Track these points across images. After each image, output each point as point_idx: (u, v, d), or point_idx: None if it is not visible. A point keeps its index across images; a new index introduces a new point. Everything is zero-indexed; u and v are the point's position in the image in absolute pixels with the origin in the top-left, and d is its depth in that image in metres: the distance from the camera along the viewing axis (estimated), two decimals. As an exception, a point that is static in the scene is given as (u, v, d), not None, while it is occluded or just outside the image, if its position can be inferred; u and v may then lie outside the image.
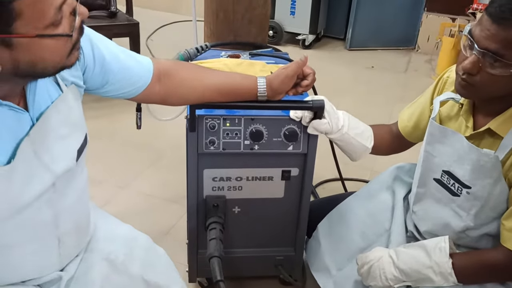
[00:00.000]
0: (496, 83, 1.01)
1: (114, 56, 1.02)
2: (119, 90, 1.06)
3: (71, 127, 0.95)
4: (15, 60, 0.74)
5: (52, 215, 0.94)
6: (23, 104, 0.86)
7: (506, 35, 0.95)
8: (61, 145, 0.92)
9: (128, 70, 1.05)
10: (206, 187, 1.38)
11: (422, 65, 4.25)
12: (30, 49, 0.73)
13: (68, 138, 0.94)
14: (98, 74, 1.00)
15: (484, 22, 0.99)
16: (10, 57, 0.73)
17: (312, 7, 4.29)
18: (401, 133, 1.41)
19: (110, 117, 2.72)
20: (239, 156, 1.33)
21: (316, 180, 2.39)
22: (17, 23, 0.70)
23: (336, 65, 4.15)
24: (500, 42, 0.96)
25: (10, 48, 0.72)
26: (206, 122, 1.27)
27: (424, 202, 1.30)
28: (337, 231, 1.45)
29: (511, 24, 0.94)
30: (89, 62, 0.98)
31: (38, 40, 0.73)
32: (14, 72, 0.76)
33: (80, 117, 0.98)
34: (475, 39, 1.00)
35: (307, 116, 1.27)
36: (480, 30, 0.99)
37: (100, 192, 2.24)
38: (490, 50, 0.98)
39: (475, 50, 1.00)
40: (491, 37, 0.97)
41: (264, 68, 1.54)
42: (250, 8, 1.78)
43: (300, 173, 1.39)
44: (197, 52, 1.67)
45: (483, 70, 1.01)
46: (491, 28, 0.97)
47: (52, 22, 0.73)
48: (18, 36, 0.71)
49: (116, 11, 3.05)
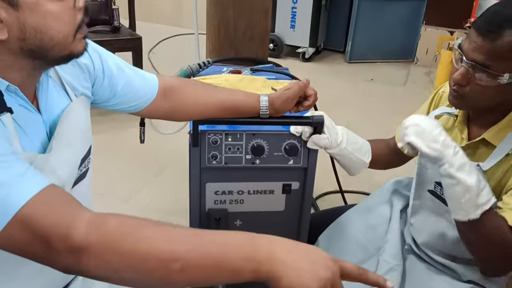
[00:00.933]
0: (485, 94, 1.05)
1: (121, 70, 1.06)
2: (125, 104, 1.09)
3: (79, 136, 0.97)
4: (21, 24, 0.75)
5: None
6: (35, 106, 0.88)
7: (491, 47, 0.99)
8: (68, 151, 0.93)
9: (134, 85, 1.08)
10: (208, 201, 1.40)
11: (421, 77, 4.29)
12: (35, 12, 0.75)
13: (74, 146, 0.96)
14: (106, 87, 1.04)
15: (472, 35, 1.03)
16: (16, 20, 0.74)
17: (312, 21, 4.36)
18: (398, 147, 1.44)
19: (112, 130, 2.75)
20: (240, 170, 1.36)
21: (317, 192, 2.42)
22: None
23: (335, 77, 4.19)
24: (486, 54, 1.01)
25: (16, 8, 0.73)
26: (208, 137, 1.30)
27: (420, 214, 1.33)
28: (338, 244, 1.47)
29: (496, 36, 0.99)
30: (98, 75, 1.01)
31: (43, 2, 0.75)
32: (22, 42, 0.77)
33: (87, 127, 1.01)
34: (463, 51, 1.05)
35: (307, 131, 1.30)
36: (468, 43, 1.04)
37: (102, 205, 2.26)
38: (477, 62, 1.02)
39: (463, 62, 1.05)
40: (478, 49, 1.02)
41: (265, 83, 1.58)
42: (251, 25, 1.83)
43: (300, 187, 1.42)
44: (200, 67, 1.71)
45: (472, 81, 1.05)
46: (477, 40, 1.01)
47: None
48: None
49: (119, 26, 3.10)
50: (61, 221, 0.70)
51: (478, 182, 1.02)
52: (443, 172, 1.04)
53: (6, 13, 0.73)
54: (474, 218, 1.03)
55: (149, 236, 0.71)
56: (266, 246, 0.71)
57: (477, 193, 1.02)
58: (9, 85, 0.80)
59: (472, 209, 1.03)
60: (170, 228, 0.73)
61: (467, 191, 1.02)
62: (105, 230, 0.71)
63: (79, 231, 0.69)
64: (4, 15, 0.73)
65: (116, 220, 0.72)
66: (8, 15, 0.73)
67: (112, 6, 3.13)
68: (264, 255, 0.70)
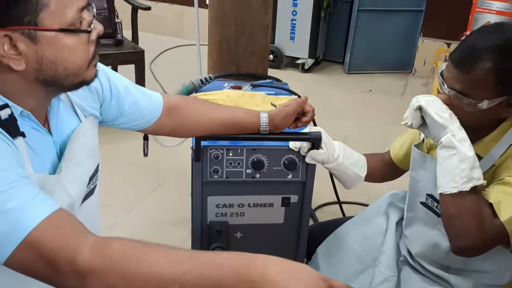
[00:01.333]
0: (469, 117, 1.11)
1: (128, 91, 1.10)
2: (131, 122, 1.14)
3: (87, 155, 1.01)
4: (39, 57, 0.79)
5: None
6: (47, 128, 0.92)
7: (467, 78, 1.07)
8: (77, 170, 0.98)
9: (140, 104, 1.13)
10: (210, 214, 1.44)
11: (418, 88, 4.34)
12: (53, 45, 0.79)
13: (83, 164, 1.00)
14: (114, 107, 1.08)
15: (449, 66, 1.11)
16: (35, 53, 0.78)
17: (311, 32, 4.40)
18: (393, 161, 1.49)
19: (116, 142, 2.79)
20: (241, 184, 1.40)
21: (315, 203, 2.45)
22: (43, 15, 0.76)
23: (334, 88, 4.24)
24: (462, 83, 1.08)
25: (35, 42, 0.77)
26: (210, 152, 1.35)
27: (414, 226, 1.37)
28: (336, 255, 1.51)
29: (469, 69, 1.06)
30: (107, 96, 1.06)
31: (61, 36, 0.79)
32: (37, 73, 0.81)
33: (95, 145, 1.05)
34: (444, 79, 1.12)
35: (305, 146, 1.35)
36: (447, 72, 1.12)
37: (106, 215, 2.29)
38: (456, 90, 1.09)
39: (445, 89, 1.12)
40: (455, 79, 1.09)
41: (265, 99, 1.63)
42: (251, 41, 1.88)
43: (299, 200, 1.46)
44: (201, 83, 1.76)
45: (455, 106, 1.11)
46: (454, 71, 1.09)
47: (72, 22, 0.80)
48: (43, 29, 0.77)
49: (122, 39, 3.15)
50: (67, 245, 0.74)
51: (474, 158, 1.08)
52: (446, 140, 1.09)
53: (25, 46, 0.77)
54: (464, 191, 1.07)
55: (150, 260, 0.75)
56: (260, 267, 0.74)
57: (472, 167, 1.07)
58: (23, 111, 0.84)
59: (464, 180, 1.07)
60: (169, 251, 0.77)
61: (464, 161, 1.07)
62: (109, 254, 0.74)
63: (84, 255, 0.73)
64: (23, 48, 0.77)
65: (119, 244, 0.76)
66: (27, 48, 0.78)
67: (115, 20, 3.19)
68: (258, 275, 0.73)
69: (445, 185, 1.10)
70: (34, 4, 0.75)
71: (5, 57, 0.77)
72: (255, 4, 1.83)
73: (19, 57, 0.78)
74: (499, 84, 1.06)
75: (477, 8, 3.43)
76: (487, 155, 1.16)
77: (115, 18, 3.20)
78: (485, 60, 1.05)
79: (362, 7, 4.37)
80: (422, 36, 4.53)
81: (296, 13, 4.37)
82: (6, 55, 0.77)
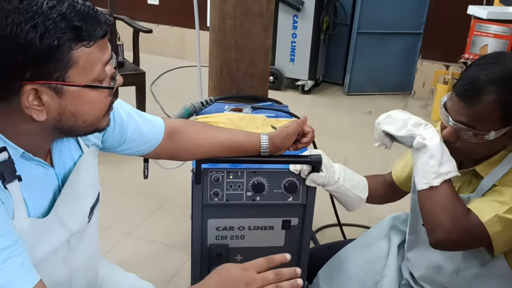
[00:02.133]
0: (476, 148, 1.11)
1: (131, 118, 1.11)
2: (133, 148, 1.14)
3: (87, 186, 1.01)
4: (61, 110, 0.81)
5: (67, 274, 0.99)
6: (49, 161, 0.93)
7: (472, 110, 1.07)
8: (77, 203, 0.98)
9: (142, 130, 1.13)
10: (210, 236, 1.43)
11: (418, 110, 4.36)
12: (77, 99, 0.81)
13: (83, 197, 1.00)
14: (117, 135, 1.08)
15: (453, 98, 1.11)
16: (58, 106, 0.80)
17: (311, 54, 4.45)
18: (395, 183, 1.49)
19: (116, 164, 2.79)
20: (241, 207, 1.40)
21: (316, 225, 2.44)
22: (71, 71, 0.78)
23: (334, 109, 4.26)
24: (468, 116, 1.08)
25: (60, 96, 0.79)
26: (210, 175, 1.35)
27: (417, 249, 1.36)
28: (337, 278, 1.50)
29: (474, 102, 1.06)
30: (110, 124, 1.05)
31: (85, 91, 0.81)
32: (56, 123, 0.82)
33: (95, 176, 1.05)
34: (449, 112, 1.12)
35: (305, 169, 1.35)
36: (451, 104, 1.11)
37: (105, 238, 2.28)
38: (462, 123, 1.09)
39: (450, 122, 1.11)
40: (460, 112, 1.09)
41: (265, 122, 1.64)
42: (252, 64, 1.90)
43: (299, 223, 1.45)
44: (202, 105, 1.77)
45: (461, 138, 1.11)
46: (459, 104, 1.09)
47: (97, 77, 0.82)
48: (70, 84, 0.79)
49: (124, 61, 3.18)
50: None
51: (441, 153, 1.11)
52: (415, 143, 1.14)
53: (49, 98, 0.78)
54: (434, 186, 1.10)
55: None
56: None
57: (440, 163, 1.10)
58: (24, 153, 0.84)
59: (433, 176, 1.11)
60: None
61: (432, 158, 1.11)
62: None
63: None
64: (47, 99, 0.78)
65: None
66: (51, 100, 0.79)
67: (116, 42, 3.23)
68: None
69: (418, 183, 1.14)
70: (64, 61, 0.76)
71: (28, 108, 0.78)
72: (255, 29, 1.86)
73: (41, 108, 0.79)
74: (506, 115, 1.06)
75: (474, 31, 3.47)
76: (488, 175, 1.16)
77: (117, 40, 3.24)
78: (491, 92, 1.04)
79: (361, 30, 4.42)
80: (421, 59, 4.58)
81: (296, 36, 4.42)
82: (30, 106, 0.78)
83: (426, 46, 4.50)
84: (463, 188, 1.22)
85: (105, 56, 0.82)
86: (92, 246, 1.07)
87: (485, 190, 1.15)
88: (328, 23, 4.49)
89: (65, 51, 0.75)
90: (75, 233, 0.98)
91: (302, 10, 4.31)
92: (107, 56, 0.83)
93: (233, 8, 1.82)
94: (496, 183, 1.14)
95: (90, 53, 0.79)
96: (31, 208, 0.87)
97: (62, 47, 0.75)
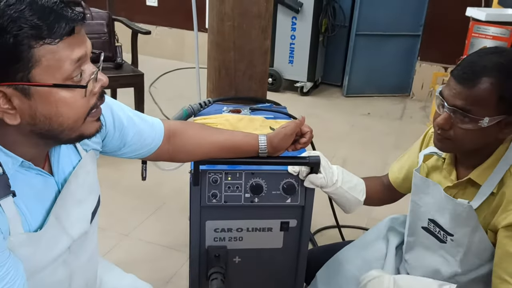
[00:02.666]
0: (468, 136, 1.11)
1: (131, 121, 1.09)
2: (134, 152, 1.14)
3: (87, 191, 1.00)
4: (33, 112, 0.77)
5: (67, 275, 0.98)
6: (48, 168, 0.91)
7: (469, 93, 1.06)
8: (78, 209, 0.97)
9: (143, 134, 1.12)
10: (208, 238, 1.43)
11: (417, 112, 4.37)
12: (47, 100, 0.77)
13: (84, 202, 0.99)
14: (117, 139, 1.07)
15: (451, 83, 1.10)
16: (28, 108, 0.77)
17: (310, 56, 4.45)
18: (392, 185, 1.49)
19: (114, 165, 2.79)
20: (239, 208, 1.39)
21: (314, 227, 2.44)
22: (35, 71, 0.74)
23: (333, 111, 4.26)
24: (465, 99, 1.07)
25: (29, 98, 0.76)
26: (209, 177, 1.34)
27: (415, 251, 1.36)
28: (335, 280, 1.50)
29: (472, 84, 1.06)
30: (110, 129, 1.05)
31: (55, 91, 0.77)
32: (32, 127, 0.79)
33: (95, 180, 1.04)
34: (444, 98, 1.12)
35: (304, 170, 1.34)
36: (448, 90, 1.11)
37: (103, 239, 2.28)
38: (458, 107, 1.08)
39: (445, 107, 1.11)
40: (457, 95, 1.08)
41: (264, 123, 1.63)
42: (250, 65, 1.89)
43: (298, 224, 1.45)
44: (201, 107, 1.77)
45: (455, 125, 1.11)
46: (456, 87, 1.08)
47: (68, 76, 0.77)
48: (36, 84, 0.75)
49: (122, 63, 3.18)
50: None
51: None
52: None
53: (19, 101, 0.76)
54: None
55: None
56: None
57: None
58: (23, 161, 0.83)
59: None
60: None
61: None
62: None
63: None
64: (18, 103, 0.76)
65: None
66: (21, 103, 0.76)
67: (115, 44, 3.22)
68: None
69: None
70: (25, 61, 0.73)
71: (1, 112, 0.76)
72: (254, 30, 1.86)
73: (13, 112, 0.77)
74: (501, 102, 1.05)
75: (473, 33, 3.47)
76: (485, 182, 1.15)
77: (115, 41, 3.24)
78: (489, 75, 1.04)
79: (360, 31, 4.42)
80: (420, 60, 4.58)
81: (295, 37, 4.43)
82: (1, 109, 0.76)
83: (424, 47, 4.50)
84: (459, 196, 1.22)
85: (75, 53, 0.77)
86: (92, 247, 1.06)
87: (483, 198, 1.14)
88: (326, 24, 4.49)
89: (25, 50, 0.72)
90: (77, 239, 0.98)
91: (301, 12, 4.31)
92: (79, 53, 0.78)
93: (231, 10, 1.82)
94: (494, 191, 1.14)
95: (55, 51, 0.74)
96: (30, 220, 0.86)
97: (19, 45, 0.71)
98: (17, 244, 0.82)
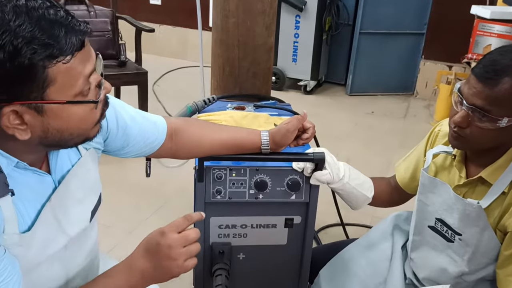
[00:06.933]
0: (485, 136, 1.09)
1: (134, 120, 1.08)
2: (137, 151, 1.13)
3: (87, 190, 0.99)
4: (45, 127, 0.78)
5: (63, 272, 0.97)
6: (45, 167, 0.90)
7: (490, 93, 1.04)
8: (77, 208, 0.96)
9: (146, 133, 1.11)
10: (212, 234, 1.43)
11: (421, 110, 4.35)
12: (60, 116, 0.78)
13: (84, 201, 0.98)
14: (120, 138, 1.06)
15: (471, 81, 1.08)
16: (41, 124, 0.77)
17: (313, 55, 4.45)
18: (399, 185, 1.47)
19: (118, 163, 2.78)
20: (244, 204, 1.39)
21: (318, 225, 2.43)
22: (50, 90, 0.74)
23: (337, 110, 4.25)
24: (485, 99, 1.05)
25: (41, 114, 0.76)
26: (213, 173, 1.34)
27: (421, 250, 1.35)
28: (339, 279, 1.49)
29: (494, 83, 1.03)
30: (112, 128, 1.04)
31: (68, 107, 0.77)
32: (42, 140, 0.79)
33: (96, 179, 1.03)
34: (464, 96, 1.09)
35: (308, 167, 1.34)
36: (468, 88, 1.08)
37: (108, 237, 2.29)
38: (477, 106, 1.06)
39: (464, 105, 1.09)
40: (478, 94, 1.06)
41: (268, 120, 1.63)
42: (254, 63, 1.89)
43: (302, 221, 1.45)
44: (205, 104, 1.77)
45: (472, 123, 1.09)
46: (477, 86, 1.06)
47: (80, 91, 0.78)
48: (50, 102, 0.75)
49: (126, 60, 3.18)
50: None
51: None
52: None
53: (31, 117, 0.76)
54: None
55: None
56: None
57: None
58: (19, 162, 0.82)
59: None
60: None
61: None
62: None
63: None
64: (29, 119, 0.76)
65: None
66: (33, 119, 0.76)
67: (119, 42, 3.23)
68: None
69: None
70: (40, 82, 0.73)
71: (10, 128, 0.75)
72: (258, 27, 1.85)
73: (24, 127, 0.76)
74: None
75: (477, 31, 3.46)
76: (497, 181, 1.14)
77: (119, 39, 3.24)
78: (511, 75, 1.03)
79: (363, 30, 4.42)
80: (424, 59, 4.57)
81: (298, 36, 4.42)
82: (11, 126, 0.75)
83: (428, 46, 4.49)
84: (469, 194, 1.21)
85: (87, 68, 0.78)
86: (90, 244, 1.05)
87: (494, 197, 1.14)
88: (330, 23, 4.49)
89: (39, 70, 0.72)
90: (74, 237, 0.97)
91: (305, 10, 4.30)
92: (90, 68, 0.79)
93: (235, 6, 1.82)
94: (506, 190, 1.13)
95: (69, 69, 0.75)
96: (27, 219, 0.85)
97: (35, 67, 0.71)
98: (10, 243, 0.82)
